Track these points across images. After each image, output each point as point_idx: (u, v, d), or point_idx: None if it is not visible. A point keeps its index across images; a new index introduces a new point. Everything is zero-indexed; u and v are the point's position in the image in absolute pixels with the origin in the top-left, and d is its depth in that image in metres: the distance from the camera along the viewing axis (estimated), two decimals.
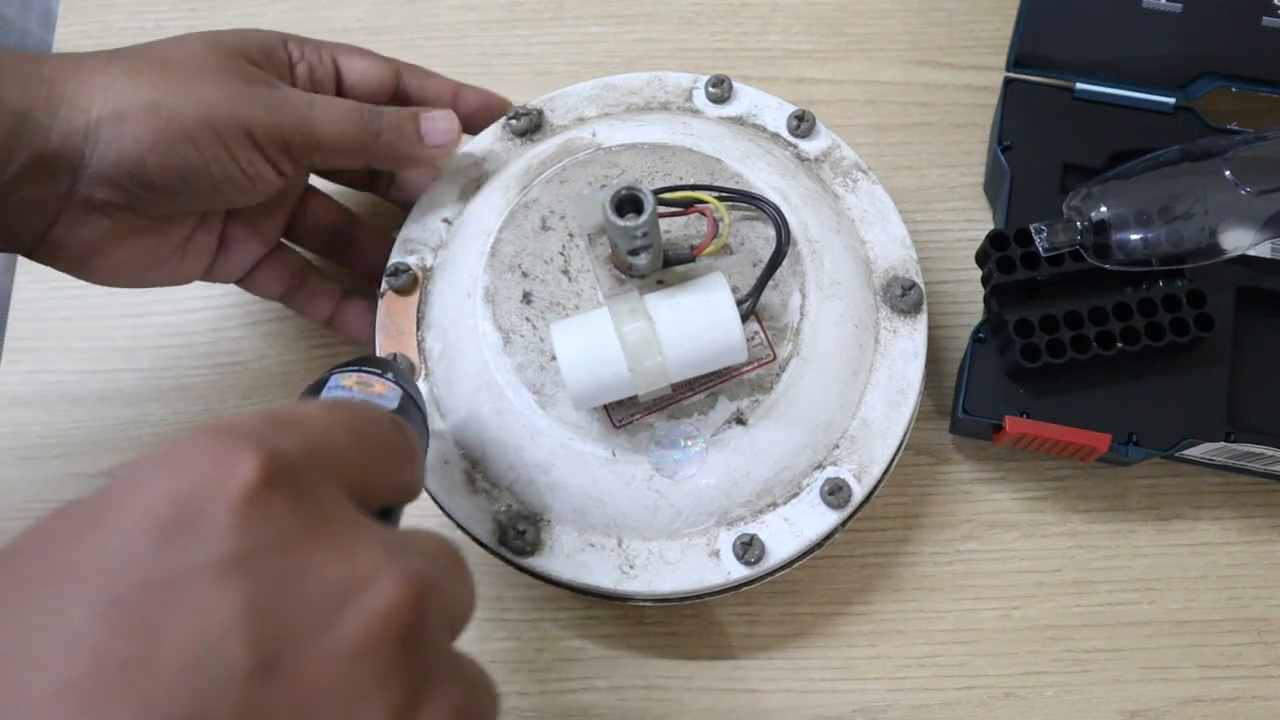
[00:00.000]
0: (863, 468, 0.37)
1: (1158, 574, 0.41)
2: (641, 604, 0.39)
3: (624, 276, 0.35)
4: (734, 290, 0.34)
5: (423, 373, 0.39)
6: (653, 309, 0.33)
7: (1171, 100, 0.43)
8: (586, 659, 0.40)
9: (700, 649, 0.40)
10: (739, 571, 0.36)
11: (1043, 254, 0.38)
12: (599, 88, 0.43)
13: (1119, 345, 0.38)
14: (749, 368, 0.36)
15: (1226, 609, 0.40)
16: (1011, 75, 0.44)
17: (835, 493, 0.36)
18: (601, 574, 0.36)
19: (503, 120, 0.42)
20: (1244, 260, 0.40)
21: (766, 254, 0.36)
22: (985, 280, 0.40)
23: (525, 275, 0.37)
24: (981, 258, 0.40)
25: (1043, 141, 0.42)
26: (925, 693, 0.40)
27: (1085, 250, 0.38)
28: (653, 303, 0.33)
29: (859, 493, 0.37)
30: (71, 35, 0.51)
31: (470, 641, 0.40)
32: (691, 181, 0.38)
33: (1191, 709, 0.39)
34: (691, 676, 0.40)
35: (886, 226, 0.40)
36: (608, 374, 0.32)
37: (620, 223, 0.31)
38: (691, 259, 0.35)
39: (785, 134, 0.42)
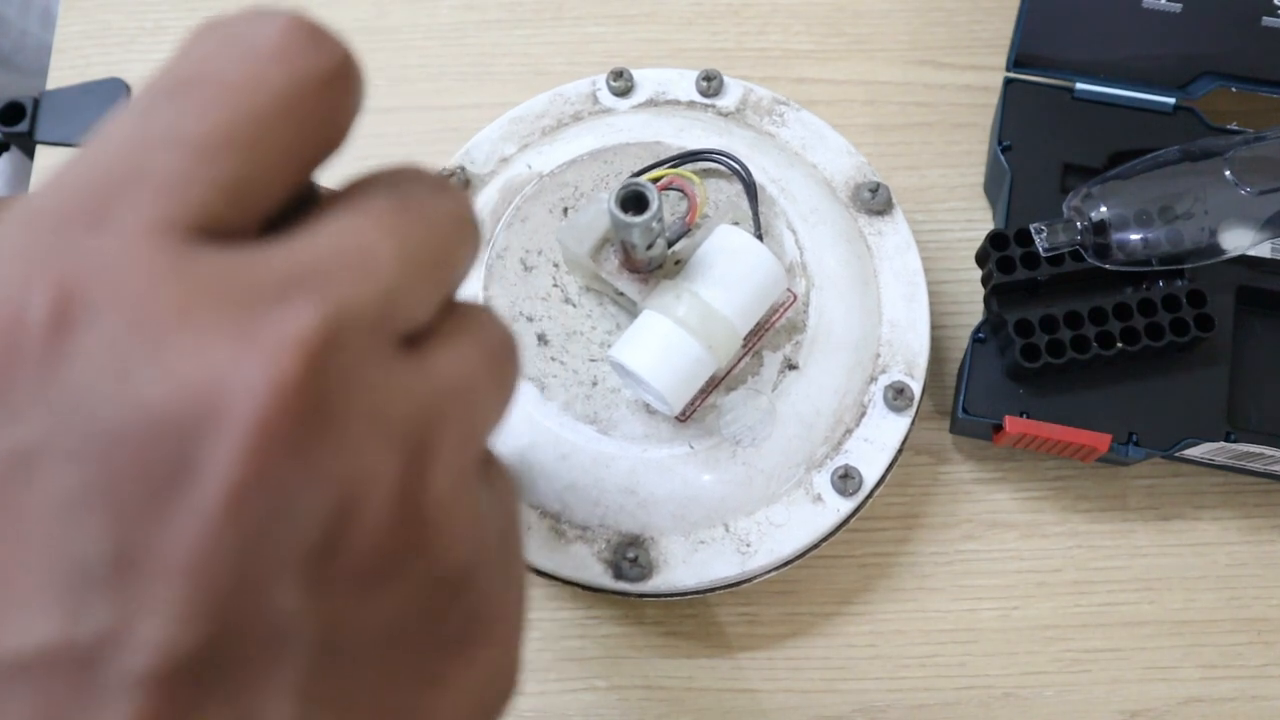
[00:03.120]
0: (910, 364, 0.39)
1: (1158, 574, 0.41)
2: (644, 603, 0.39)
3: (644, 275, 0.35)
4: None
5: None
6: (689, 285, 0.33)
7: (1171, 100, 0.43)
8: (586, 659, 0.40)
9: (700, 649, 0.40)
10: (846, 505, 0.37)
11: (1043, 254, 0.38)
12: (507, 124, 0.43)
13: (1119, 345, 0.38)
14: (778, 316, 0.37)
15: (1226, 609, 0.40)
16: (1011, 75, 0.44)
17: (898, 395, 0.38)
18: (724, 565, 0.36)
19: None
20: (1244, 260, 0.40)
21: (742, 201, 0.38)
22: (985, 280, 0.40)
23: (531, 320, 0.37)
24: (981, 258, 0.40)
25: (1043, 141, 0.43)
26: (925, 693, 0.40)
27: (1085, 250, 0.38)
28: (684, 280, 0.33)
29: (917, 389, 0.38)
30: (71, 35, 0.51)
31: None
32: (640, 168, 0.39)
33: (1191, 709, 0.39)
34: (691, 676, 0.40)
35: (827, 144, 0.42)
36: (688, 363, 0.33)
37: (636, 220, 0.31)
38: (688, 229, 0.35)
39: (699, 98, 0.43)
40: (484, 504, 0.18)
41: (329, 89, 0.17)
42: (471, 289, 0.38)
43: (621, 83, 0.43)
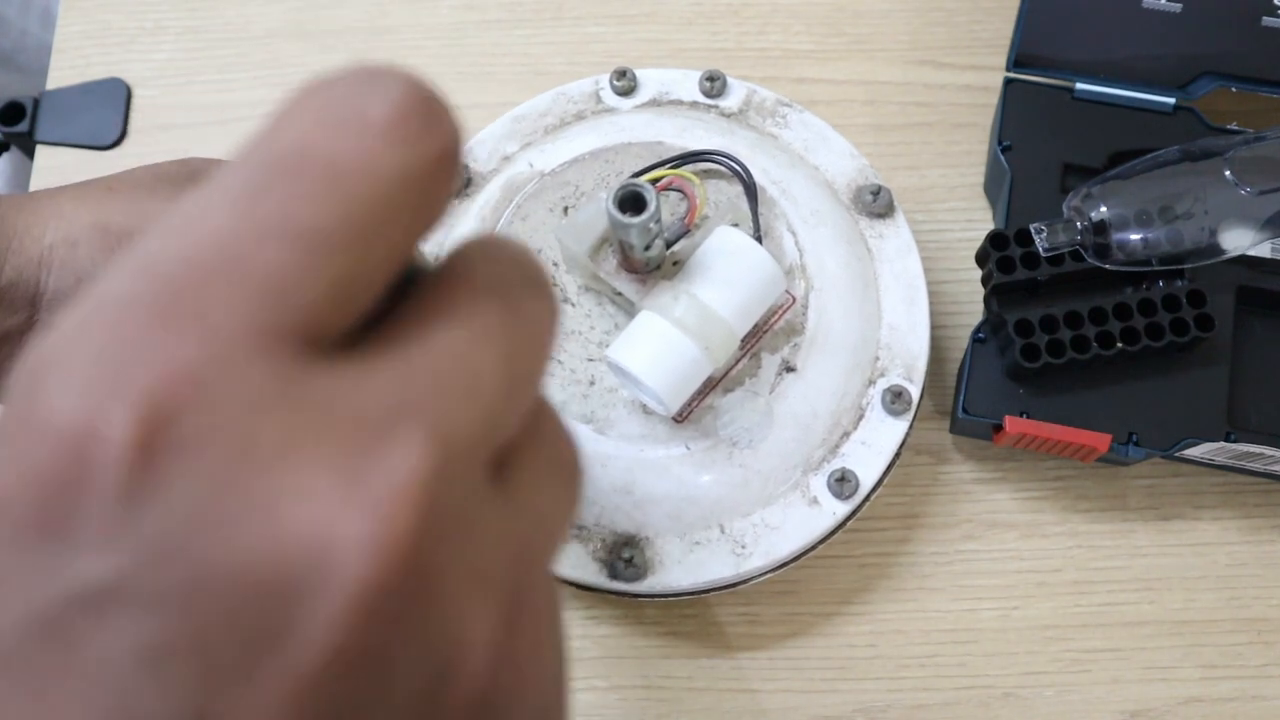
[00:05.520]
0: (909, 368, 0.38)
1: (1158, 574, 0.41)
2: (643, 603, 0.39)
3: (642, 276, 0.35)
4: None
5: None
6: (687, 286, 0.33)
7: (1171, 100, 0.43)
8: (586, 659, 0.40)
9: (700, 649, 0.40)
10: (842, 509, 0.37)
11: (1043, 254, 0.38)
12: (509, 122, 0.43)
13: (1119, 345, 0.38)
14: (776, 317, 0.37)
15: (1226, 609, 0.40)
16: (1011, 75, 0.44)
17: (896, 399, 0.38)
18: (719, 566, 0.36)
19: None
20: (1244, 260, 0.40)
21: (743, 202, 0.38)
22: (985, 280, 0.40)
23: None
24: (981, 258, 0.40)
25: (1043, 141, 0.42)
26: (925, 693, 0.40)
27: (1085, 250, 0.38)
28: (682, 281, 0.33)
29: (916, 393, 0.38)
30: (71, 35, 0.51)
31: None
32: (641, 168, 0.39)
33: (1191, 709, 0.39)
34: (691, 676, 0.40)
35: (830, 146, 0.42)
36: (685, 364, 0.33)
37: (634, 221, 0.31)
38: (687, 230, 0.35)
39: (703, 99, 0.43)
40: (555, 646, 0.17)
41: (443, 171, 0.15)
42: None
43: (624, 82, 0.43)
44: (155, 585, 0.13)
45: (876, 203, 0.41)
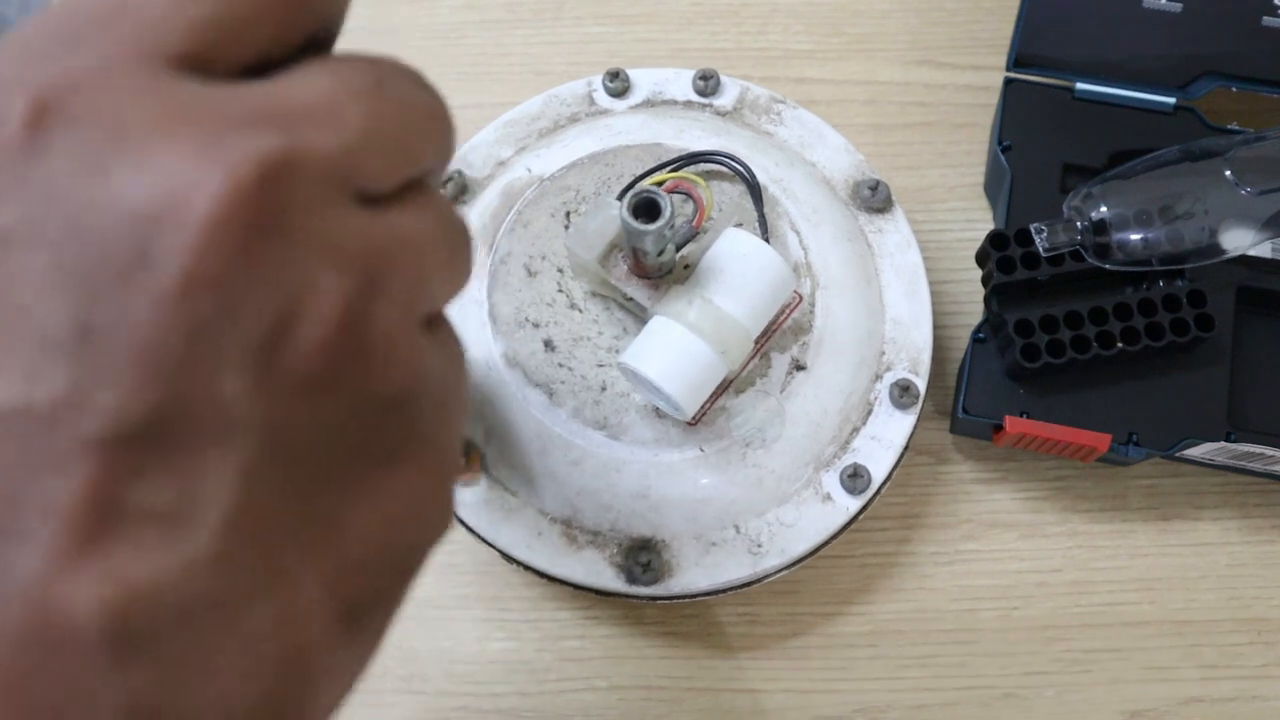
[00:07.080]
0: (914, 361, 0.39)
1: (1158, 574, 0.41)
2: (644, 603, 0.39)
3: (654, 280, 0.35)
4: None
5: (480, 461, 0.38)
6: (700, 289, 0.33)
7: (1171, 100, 0.43)
8: (586, 659, 0.40)
9: (700, 649, 0.40)
10: (854, 504, 0.37)
11: (1043, 254, 0.38)
12: (502, 127, 0.42)
13: (1119, 345, 0.38)
14: (785, 317, 0.37)
15: (1226, 609, 0.40)
16: (1011, 75, 0.44)
17: (904, 393, 0.38)
18: (736, 567, 0.36)
19: None
20: (1244, 260, 0.40)
21: (746, 201, 0.38)
22: (985, 280, 0.40)
23: (536, 326, 0.37)
24: (981, 258, 0.40)
25: (1043, 141, 0.43)
26: (925, 693, 0.40)
27: (1085, 250, 0.38)
28: (694, 285, 0.33)
29: (922, 385, 0.38)
30: None
31: (470, 641, 0.40)
32: (643, 171, 0.39)
33: (1191, 709, 0.39)
34: (691, 676, 0.40)
35: (826, 142, 0.42)
36: (701, 368, 0.33)
37: (649, 228, 0.31)
38: (695, 233, 0.35)
39: (696, 98, 0.43)
40: (427, 347, 0.19)
41: None
42: (475, 294, 0.38)
43: (618, 83, 0.42)
44: (43, 225, 0.16)
45: (875, 198, 0.41)
